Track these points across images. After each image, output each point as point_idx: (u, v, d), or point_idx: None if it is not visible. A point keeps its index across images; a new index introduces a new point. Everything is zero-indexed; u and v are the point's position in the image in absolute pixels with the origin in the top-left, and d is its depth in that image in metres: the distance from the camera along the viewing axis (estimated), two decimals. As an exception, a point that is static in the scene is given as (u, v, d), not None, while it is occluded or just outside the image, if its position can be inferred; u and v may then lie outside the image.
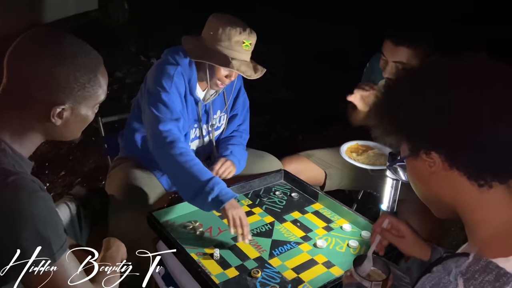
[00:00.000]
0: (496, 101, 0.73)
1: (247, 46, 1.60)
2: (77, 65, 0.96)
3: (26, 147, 1.00)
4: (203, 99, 1.77)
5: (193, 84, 1.68)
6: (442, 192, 0.81)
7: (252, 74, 1.63)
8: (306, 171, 1.89)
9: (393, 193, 1.32)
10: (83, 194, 1.62)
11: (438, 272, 0.74)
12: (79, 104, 0.99)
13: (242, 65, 1.60)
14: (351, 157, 1.79)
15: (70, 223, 1.53)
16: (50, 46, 0.96)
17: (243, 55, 1.61)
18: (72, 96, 0.97)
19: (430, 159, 0.78)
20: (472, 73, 0.77)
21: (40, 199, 0.91)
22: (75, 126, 1.03)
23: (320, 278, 1.28)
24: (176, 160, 1.49)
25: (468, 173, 0.76)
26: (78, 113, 1.00)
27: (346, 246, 1.43)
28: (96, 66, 1.01)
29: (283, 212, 1.60)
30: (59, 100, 0.96)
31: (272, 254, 1.37)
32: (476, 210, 0.78)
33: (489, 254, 0.71)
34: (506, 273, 0.69)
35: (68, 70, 0.95)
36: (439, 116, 0.75)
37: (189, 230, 1.47)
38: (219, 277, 1.26)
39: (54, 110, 0.96)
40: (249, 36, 1.59)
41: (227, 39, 1.57)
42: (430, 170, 0.80)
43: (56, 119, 0.97)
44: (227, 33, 1.57)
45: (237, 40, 1.57)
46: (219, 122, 1.87)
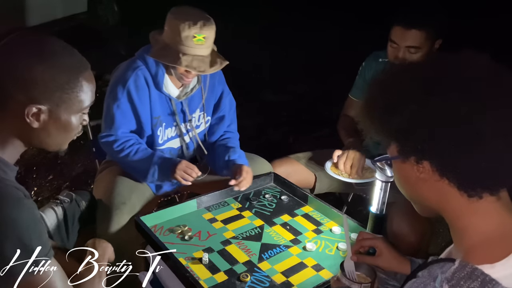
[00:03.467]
0: (494, 113, 0.71)
1: (199, 40, 1.54)
2: (55, 63, 0.93)
3: (9, 153, 0.97)
4: (178, 96, 1.75)
5: (160, 80, 1.66)
6: (429, 197, 0.79)
7: (207, 69, 1.58)
8: (295, 174, 1.89)
9: (382, 195, 1.32)
10: (70, 198, 1.59)
11: (424, 277, 0.72)
12: (58, 107, 0.95)
13: (194, 60, 1.56)
14: (336, 172, 1.78)
15: (57, 228, 1.51)
16: (31, 46, 0.94)
17: (196, 50, 1.55)
18: (48, 96, 0.93)
19: (420, 166, 0.76)
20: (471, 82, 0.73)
21: (23, 207, 0.90)
22: (56, 133, 0.99)
23: (310, 281, 1.27)
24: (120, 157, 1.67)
25: (458, 184, 0.74)
26: (57, 118, 0.96)
27: (335, 249, 1.43)
28: (79, 69, 0.98)
29: (272, 215, 1.59)
30: (34, 100, 0.92)
31: (261, 258, 1.36)
32: (464, 217, 0.76)
33: (474, 261, 0.70)
34: (492, 280, 0.68)
35: (45, 67, 0.92)
36: (434, 127, 0.72)
37: (177, 234, 1.46)
38: (208, 281, 1.25)
39: (29, 109, 0.92)
40: (200, 30, 1.53)
41: (177, 34, 1.54)
42: (418, 176, 0.77)
43: (32, 120, 0.93)
44: (176, 28, 1.53)
45: (187, 35, 1.53)
46: (198, 121, 1.85)
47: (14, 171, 0.99)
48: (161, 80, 1.67)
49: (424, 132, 0.73)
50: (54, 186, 2.79)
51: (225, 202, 1.65)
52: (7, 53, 0.93)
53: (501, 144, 0.71)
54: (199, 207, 1.61)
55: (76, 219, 1.58)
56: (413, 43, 1.66)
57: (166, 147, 1.79)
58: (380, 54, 1.87)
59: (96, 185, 1.81)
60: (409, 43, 1.66)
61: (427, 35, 1.65)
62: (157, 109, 1.71)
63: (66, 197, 1.59)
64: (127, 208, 1.62)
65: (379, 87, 0.83)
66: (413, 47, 1.66)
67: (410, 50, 1.67)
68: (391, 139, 0.80)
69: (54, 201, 1.58)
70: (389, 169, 1.16)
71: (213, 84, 1.83)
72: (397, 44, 1.69)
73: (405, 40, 1.67)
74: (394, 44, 1.70)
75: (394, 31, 1.70)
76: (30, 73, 0.91)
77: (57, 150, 1.07)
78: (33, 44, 0.95)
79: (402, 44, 1.68)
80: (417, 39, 1.65)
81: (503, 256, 0.70)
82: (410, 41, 1.66)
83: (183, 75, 1.64)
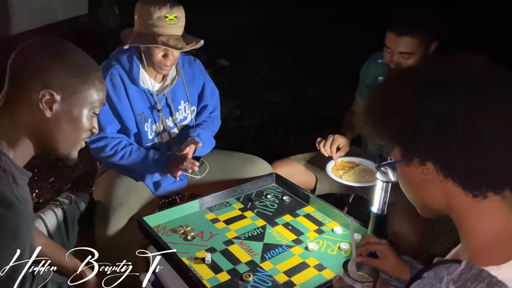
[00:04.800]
0: (495, 112, 0.71)
1: (171, 20, 1.58)
2: (70, 57, 0.99)
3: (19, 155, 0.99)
4: (160, 90, 1.76)
5: (135, 75, 1.68)
6: (434, 199, 0.80)
7: (184, 45, 1.60)
8: (296, 175, 1.89)
9: (383, 196, 1.32)
10: (70, 200, 1.60)
11: (429, 278, 0.72)
12: (70, 97, 0.99)
13: (170, 39, 1.58)
14: (337, 175, 1.79)
15: (57, 230, 1.52)
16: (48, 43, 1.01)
17: (170, 30, 1.59)
18: (62, 84, 0.97)
19: (424, 167, 0.76)
20: (471, 82, 0.73)
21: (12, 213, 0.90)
22: (67, 127, 1.01)
23: (312, 281, 1.28)
24: (113, 161, 1.69)
25: (463, 184, 0.74)
26: (69, 110, 0.99)
27: (337, 249, 1.43)
28: (91, 68, 1.03)
29: (274, 215, 1.60)
30: (49, 85, 0.96)
31: (263, 258, 1.37)
32: (470, 217, 0.76)
33: (481, 262, 0.70)
34: (498, 282, 0.68)
35: (60, 58, 0.98)
36: (436, 127, 0.72)
37: (180, 234, 1.46)
38: (211, 281, 1.25)
39: (43, 94, 0.96)
40: (171, 10, 1.58)
41: (149, 18, 1.57)
42: (423, 178, 0.77)
43: (45, 107, 0.96)
44: (147, 11, 1.57)
45: (159, 16, 1.57)
46: (185, 112, 1.86)
47: (27, 176, 1.01)
48: (137, 76, 1.69)
49: (425, 134, 0.73)
50: (55, 188, 2.80)
51: (227, 203, 1.66)
52: (26, 50, 0.99)
53: (503, 143, 0.71)
54: (202, 207, 1.62)
55: (76, 220, 1.59)
56: (406, 49, 1.67)
57: (156, 143, 1.81)
58: (380, 55, 1.88)
59: (95, 187, 1.82)
60: (402, 49, 1.67)
61: (420, 41, 1.66)
62: (139, 106, 1.72)
63: (65, 199, 1.60)
64: (124, 209, 1.63)
65: (379, 92, 0.84)
66: (406, 53, 1.68)
67: (403, 56, 1.69)
68: (394, 143, 0.81)
69: (54, 203, 1.59)
70: (392, 173, 1.17)
71: (193, 73, 1.85)
72: (391, 49, 1.71)
73: (398, 46, 1.68)
74: (388, 49, 1.72)
75: (388, 37, 1.71)
76: (46, 62, 0.96)
77: (67, 155, 1.07)
78: (50, 41, 1.01)
79: (396, 50, 1.69)
80: (409, 46, 1.66)
81: (509, 258, 0.70)
82: (402, 47, 1.67)
83: (161, 64, 1.65)
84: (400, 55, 1.69)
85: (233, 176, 1.82)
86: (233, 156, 1.93)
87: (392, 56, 1.71)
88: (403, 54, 1.68)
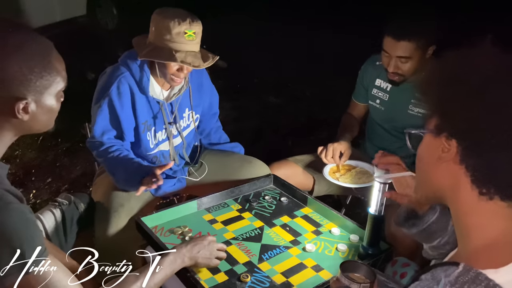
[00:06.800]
0: None
1: (190, 36, 1.56)
2: (27, 53, 0.93)
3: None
4: (167, 98, 1.75)
5: (145, 84, 1.67)
6: (440, 180, 0.80)
7: (201, 63, 1.59)
8: (294, 177, 1.90)
9: (380, 197, 1.33)
10: (69, 201, 1.60)
11: (427, 280, 0.72)
12: (42, 94, 0.96)
13: (188, 56, 1.57)
14: (335, 178, 1.80)
15: (55, 230, 1.51)
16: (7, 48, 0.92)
17: (188, 46, 1.57)
18: (32, 88, 0.94)
19: (447, 144, 0.76)
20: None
21: (13, 211, 0.90)
22: (44, 118, 1.00)
23: (309, 282, 1.28)
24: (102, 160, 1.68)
25: (474, 176, 0.74)
26: (43, 105, 0.97)
27: (335, 250, 1.44)
28: (48, 52, 0.98)
29: (272, 216, 1.60)
30: (21, 94, 0.93)
31: (261, 259, 1.37)
32: (471, 214, 0.76)
33: (478, 265, 0.70)
34: (495, 285, 0.67)
35: (20, 61, 0.92)
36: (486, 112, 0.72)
37: (178, 235, 1.47)
38: (209, 282, 1.26)
39: (17, 106, 0.93)
40: (190, 26, 1.55)
41: (168, 32, 1.55)
42: (441, 155, 0.77)
43: (22, 114, 0.95)
44: (166, 26, 1.55)
45: (178, 32, 1.54)
46: (188, 120, 1.86)
47: (5, 169, 0.99)
48: (147, 85, 1.67)
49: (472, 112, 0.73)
50: (53, 188, 2.79)
51: (225, 204, 1.67)
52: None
53: None
54: (200, 208, 1.62)
55: (75, 221, 1.58)
56: (403, 54, 1.68)
57: (158, 151, 1.80)
58: (378, 58, 1.89)
59: (94, 188, 1.81)
60: (399, 53, 1.69)
61: (417, 45, 1.67)
62: (144, 114, 1.70)
63: (64, 200, 1.59)
64: (125, 210, 1.63)
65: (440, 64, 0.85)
66: (404, 57, 1.69)
67: (401, 60, 1.70)
68: (437, 110, 0.81)
69: (52, 203, 1.58)
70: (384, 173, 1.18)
71: (200, 82, 1.85)
72: (388, 53, 1.72)
73: (395, 50, 1.69)
74: (386, 53, 1.73)
75: (385, 41, 1.72)
76: (7, 72, 0.91)
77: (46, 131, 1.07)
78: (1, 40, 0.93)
79: (393, 54, 1.70)
80: (406, 50, 1.68)
81: (507, 262, 0.70)
82: (400, 52, 1.69)
83: (174, 76, 1.63)
84: (398, 59, 1.71)
85: (231, 177, 1.82)
86: (231, 158, 1.94)
87: (390, 60, 1.73)
88: (401, 58, 1.70)
